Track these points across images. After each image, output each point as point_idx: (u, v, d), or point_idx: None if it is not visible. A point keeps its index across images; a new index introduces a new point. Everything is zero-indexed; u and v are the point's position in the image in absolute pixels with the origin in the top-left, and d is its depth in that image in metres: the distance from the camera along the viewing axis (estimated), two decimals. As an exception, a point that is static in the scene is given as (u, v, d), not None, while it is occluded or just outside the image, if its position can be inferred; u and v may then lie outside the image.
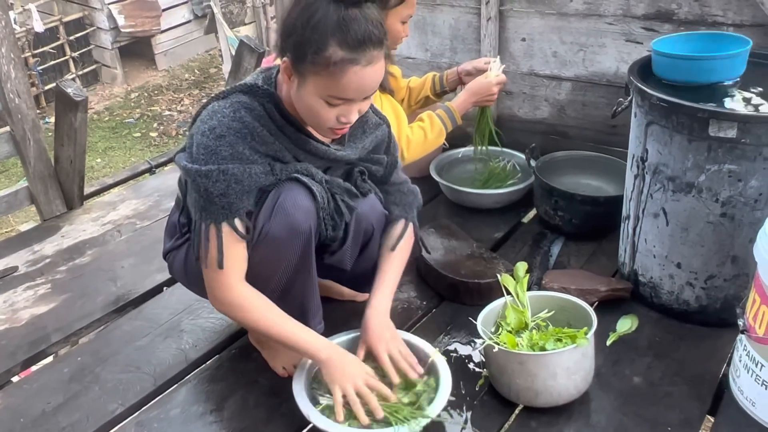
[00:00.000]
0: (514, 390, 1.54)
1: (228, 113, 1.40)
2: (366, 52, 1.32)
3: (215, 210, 1.40)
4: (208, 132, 1.39)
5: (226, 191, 1.38)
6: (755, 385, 1.48)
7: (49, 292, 2.13)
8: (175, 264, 1.67)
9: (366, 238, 1.65)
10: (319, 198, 1.48)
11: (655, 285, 1.84)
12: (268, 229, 1.44)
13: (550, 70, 2.56)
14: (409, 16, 2.06)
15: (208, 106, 1.44)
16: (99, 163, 6.97)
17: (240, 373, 1.72)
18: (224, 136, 1.38)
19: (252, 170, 1.40)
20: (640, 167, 1.78)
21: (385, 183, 1.70)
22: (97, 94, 8.72)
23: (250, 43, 2.90)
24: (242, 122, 1.39)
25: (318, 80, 1.34)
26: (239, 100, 1.42)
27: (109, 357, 1.81)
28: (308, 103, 1.39)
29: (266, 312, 1.47)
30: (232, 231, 1.41)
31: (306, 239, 1.47)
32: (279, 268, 1.49)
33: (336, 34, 1.30)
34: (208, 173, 1.37)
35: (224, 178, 1.37)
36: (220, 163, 1.37)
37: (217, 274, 1.44)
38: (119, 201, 2.71)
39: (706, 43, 1.83)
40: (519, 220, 2.38)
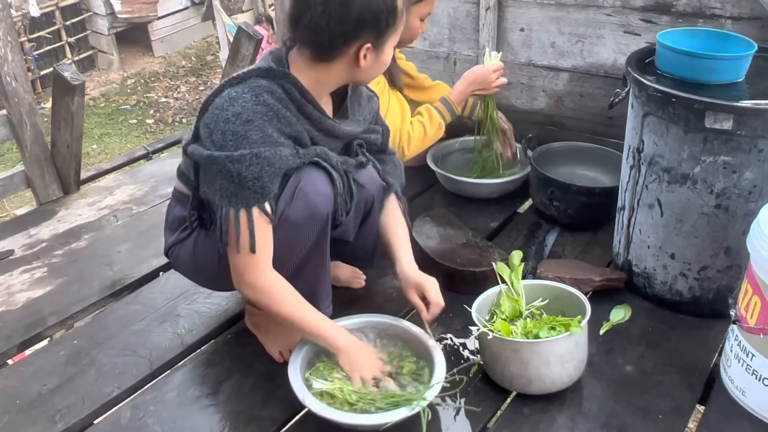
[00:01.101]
0: (507, 377, 1.55)
1: (250, 98, 1.40)
2: None
3: (247, 195, 1.40)
4: (233, 118, 1.38)
5: (259, 174, 1.39)
6: (745, 374, 1.50)
7: (45, 275, 2.13)
8: (181, 257, 1.65)
9: (366, 208, 1.67)
10: (338, 183, 1.50)
11: (649, 275, 1.86)
12: (288, 214, 1.46)
13: (548, 61, 2.56)
14: (427, 13, 2.09)
15: (223, 93, 1.43)
16: (95, 149, 6.95)
17: (236, 357, 1.73)
18: (252, 121, 1.38)
19: (282, 152, 1.41)
20: (636, 158, 1.79)
21: (383, 152, 1.74)
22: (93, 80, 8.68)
23: (248, 30, 2.89)
24: (266, 105, 1.40)
25: (396, 33, 1.48)
26: (258, 84, 1.42)
27: (105, 340, 1.82)
28: (385, 60, 1.51)
29: (291, 300, 1.49)
30: (262, 214, 1.42)
31: (323, 224, 1.50)
32: (294, 251, 1.51)
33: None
34: (241, 158, 1.37)
35: (257, 161, 1.38)
36: (252, 147, 1.37)
37: (249, 258, 1.44)
38: (116, 186, 2.71)
39: (711, 40, 1.82)
40: (515, 210, 2.39)
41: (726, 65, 1.70)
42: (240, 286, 1.50)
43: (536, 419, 1.52)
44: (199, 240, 1.58)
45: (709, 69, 1.69)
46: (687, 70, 1.72)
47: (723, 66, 1.70)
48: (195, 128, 1.48)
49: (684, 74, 1.72)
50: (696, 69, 1.70)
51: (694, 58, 1.70)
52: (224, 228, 1.44)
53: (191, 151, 1.46)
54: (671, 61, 1.75)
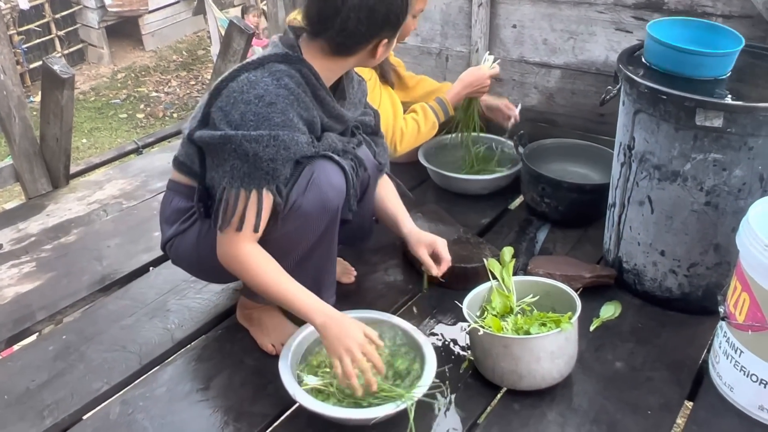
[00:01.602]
0: (498, 373, 1.56)
1: (271, 81, 1.41)
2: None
3: (260, 175, 1.40)
4: (255, 100, 1.39)
5: (275, 156, 1.39)
6: (734, 370, 1.51)
7: (33, 270, 2.12)
8: (182, 249, 1.63)
9: (363, 187, 1.67)
10: (350, 177, 1.52)
11: (639, 272, 1.87)
12: (300, 204, 1.46)
13: (540, 58, 2.56)
14: (420, 10, 2.09)
15: (240, 78, 1.42)
16: (84, 143, 6.91)
17: (226, 353, 1.72)
18: (275, 104, 1.39)
19: (299, 138, 1.43)
20: (627, 155, 1.80)
21: (376, 134, 1.76)
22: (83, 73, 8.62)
23: (239, 24, 2.87)
24: (287, 89, 1.42)
25: (405, 24, 1.53)
26: (278, 68, 1.43)
27: (95, 336, 1.80)
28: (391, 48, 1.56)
29: (270, 270, 1.46)
30: (269, 196, 1.42)
31: (333, 216, 1.52)
32: (302, 241, 1.52)
33: None
34: (259, 138, 1.37)
35: (275, 143, 1.38)
36: (272, 128, 1.38)
37: (236, 233, 1.43)
38: (105, 181, 2.69)
39: (701, 32, 1.83)
40: (506, 207, 2.39)
41: (712, 61, 1.72)
42: (220, 256, 1.48)
43: (526, 415, 1.52)
44: (203, 230, 1.56)
45: (695, 64, 1.71)
46: (674, 64, 1.73)
47: (710, 62, 1.71)
48: (203, 114, 1.48)
49: (671, 68, 1.73)
50: (683, 63, 1.71)
51: (681, 53, 1.71)
52: (227, 208, 1.42)
53: (199, 136, 1.45)
54: (659, 54, 1.76)
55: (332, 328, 1.42)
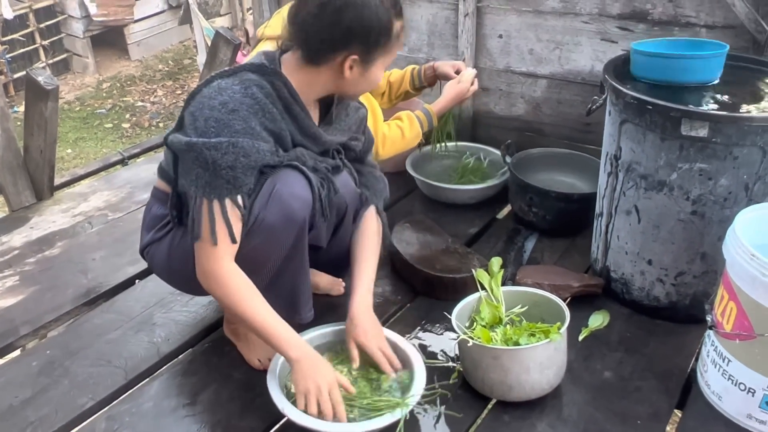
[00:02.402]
0: (487, 384, 1.55)
1: (239, 89, 1.40)
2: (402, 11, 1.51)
3: (220, 184, 1.38)
4: (219, 107, 1.38)
5: (234, 164, 1.37)
6: (722, 379, 1.52)
7: (17, 284, 2.09)
8: (157, 256, 1.62)
9: (339, 215, 1.65)
10: (316, 188, 1.49)
11: (627, 281, 1.87)
12: (263, 217, 1.43)
13: (527, 68, 2.57)
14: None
15: (212, 84, 1.42)
16: (69, 153, 6.84)
17: (213, 367, 1.71)
18: (237, 111, 1.38)
19: (260, 146, 1.40)
20: (614, 165, 1.81)
21: (361, 162, 1.72)
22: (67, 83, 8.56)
23: (226, 35, 2.87)
24: (254, 98, 1.40)
25: (387, 55, 1.49)
26: (249, 77, 1.42)
27: (80, 350, 1.78)
28: (373, 78, 1.51)
29: (249, 295, 1.44)
30: (234, 207, 1.40)
31: (300, 228, 1.48)
32: (271, 255, 1.49)
33: (394, 11, 1.46)
34: (218, 145, 1.36)
35: (233, 150, 1.36)
36: (232, 135, 1.37)
37: (211, 248, 1.41)
38: (90, 192, 2.66)
39: (686, 48, 1.86)
40: (494, 216, 2.40)
41: (698, 65, 1.74)
42: (198, 275, 1.46)
43: (516, 426, 1.52)
44: (176, 239, 1.55)
45: (681, 69, 1.73)
46: (661, 72, 1.75)
47: (695, 66, 1.74)
48: (179, 118, 1.47)
49: (658, 77, 1.76)
50: (669, 70, 1.74)
51: (666, 60, 1.74)
52: (197, 219, 1.41)
53: (171, 140, 1.45)
54: (645, 65, 1.78)
55: (305, 363, 1.42)
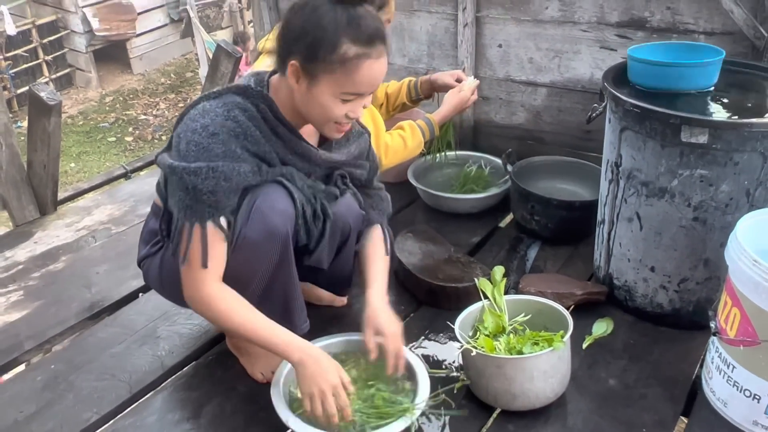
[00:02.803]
0: (491, 393, 1.55)
1: (221, 112, 1.40)
2: (376, 46, 1.38)
3: (201, 208, 1.39)
4: (200, 130, 1.38)
5: (214, 189, 1.38)
6: (727, 386, 1.51)
7: (21, 299, 2.09)
8: (150, 271, 1.65)
9: (343, 237, 1.66)
10: (298, 203, 1.48)
11: (630, 288, 1.87)
12: (245, 233, 1.43)
13: (526, 76, 2.58)
14: (387, 21, 2.09)
15: (198, 106, 1.43)
16: (73, 167, 6.88)
17: (217, 379, 1.71)
18: (217, 134, 1.38)
19: (241, 168, 1.40)
20: (615, 172, 1.81)
21: (368, 187, 1.72)
22: (71, 98, 8.61)
23: (227, 48, 2.89)
24: (236, 121, 1.40)
25: (332, 78, 1.38)
26: (232, 100, 1.43)
27: (84, 364, 1.78)
28: (320, 101, 1.41)
29: (240, 310, 1.44)
30: (216, 229, 1.41)
31: (283, 242, 1.47)
32: (258, 270, 1.48)
33: (348, 32, 1.35)
34: (197, 170, 1.37)
35: (214, 175, 1.37)
36: (212, 160, 1.37)
37: (196, 272, 1.42)
38: (94, 206, 2.68)
39: (682, 52, 1.87)
40: (496, 225, 2.40)
41: (694, 72, 1.75)
42: (186, 300, 1.47)
43: (521, 436, 1.51)
44: (167, 255, 1.56)
45: (678, 77, 1.74)
46: (658, 79, 1.76)
47: (691, 73, 1.74)
48: (169, 138, 1.48)
49: (655, 84, 1.77)
50: (666, 78, 1.75)
51: (663, 68, 1.75)
52: (178, 241, 1.43)
53: (159, 160, 1.46)
54: (642, 72, 1.79)
55: (309, 365, 1.41)
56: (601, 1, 2.31)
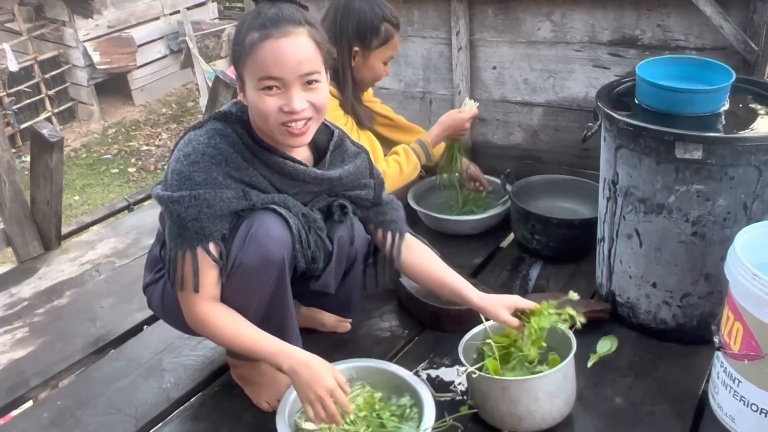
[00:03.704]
0: (498, 416, 1.55)
1: (203, 140, 1.43)
2: (278, 26, 1.36)
3: (189, 236, 1.42)
4: (182, 159, 1.42)
5: (198, 216, 1.40)
6: (734, 401, 1.50)
7: (27, 335, 2.10)
8: (154, 297, 1.67)
9: (349, 262, 1.67)
10: (294, 230, 1.49)
11: (633, 305, 1.87)
12: (241, 260, 1.44)
13: (522, 97, 2.61)
14: (390, 57, 2.14)
15: (185, 136, 1.47)
16: (77, 200, 6.91)
17: (223, 410, 1.71)
18: (198, 162, 1.41)
19: (224, 195, 1.42)
20: (612, 190, 1.82)
21: (378, 204, 1.72)
22: (73, 131, 8.69)
23: (225, 79, 2.92)
24: (216, 148, 1.42)
25: (248, 72, 1.39)
26: (214, 127, 1.45)
27: (90, 399, 1.79)
28: (252, 102, 1.41)
29: (232, 324, 1.46)
30: (205, 255, 1.43)
31: (279, 269, 1.47)
32: (254, 298, 1.49)
33: (252, 23, 1.38)
34: (180, 199, 1.40)
35: (196, 203, 1.40)
36: (193, 188, 1.40)
37: (189, 296, 1.46)
38: (97, 240, 2.69)
39: (692, 68, 1.83)
40: (497, 245, 2.40)
41: (704, 98, 1.71)
42: (186, 321, 1.51)
43: (529, 458, 1.50)
44: (168, 282, 1.57)
45: (687, 102, 1.71)
46: (666, 103, 1.72)
47: (701, 98, 1.71)
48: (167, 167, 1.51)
49: (663, 107, 1.73)
50: (674, 102, 1.71)
51: (671, 92, 1.71)
52: (172, 269, 1.46)
53: (153, 192, 1.49)
54: (650, 94, 1.76)
55: (301, 373, 1.41)
56: (592, 21, 2.34)
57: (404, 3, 2.69)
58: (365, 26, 2.05)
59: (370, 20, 2.05)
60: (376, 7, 2.06)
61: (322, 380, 1.40)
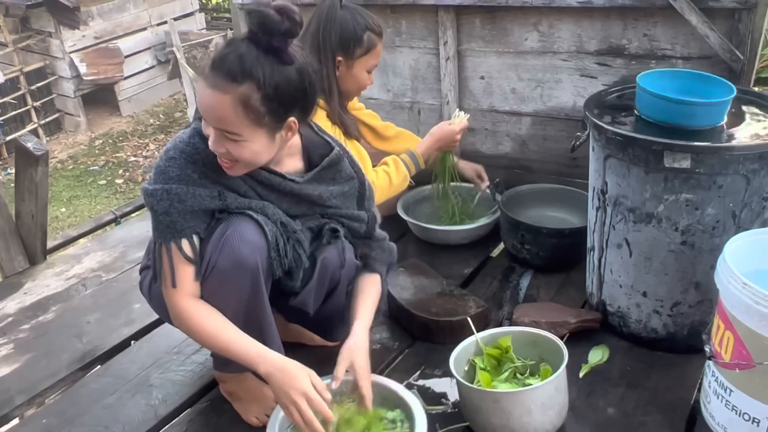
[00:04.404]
0: (490, 429, 1.53)
1: (184, 138, 1.46)
2: (212, 74, 1.34)
3: (163, 229, 1.45)
4: (164, 155, 1.45)
5: (168, 210, 1.42)
6: (725, 410, 1.50)
7: (12, 352, 2.07)
8: (144, 282, 1.69)
9: (332, 284, 1.65)
10: (270, 236, 1.48)
11: (624, 314, 1.87)
12: (215, 262, 1.45)
13: (510, 107, 2.61)
14: (374, 65, 2.13)
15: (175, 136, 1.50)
16: (64, 212, 6.85)
17: (212, 426, 1.68)
18: (175, 158, 1.43)
19: (196, 192, 1.43)
20: (601, 199, 1.82)
21: (369, 238, 1.72)
22: (60, 142, 8.63)
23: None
24: (195, 148, 1.44)
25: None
26: (196, 126, 1.47)
27: (76, 417, 1.76)
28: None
29: (212, 323, 1.46)
30: (177, 251, 1.45)
31: (253, 275, 1.46)
32: (230, 302, 1.48)
33: (212, 53, 1.43)
34: (154, 192, 1.42)
35: (167, 197, 1.42)
36: (166, 182, 1.42)
37: (168, 290, 1.48)
38: (84, 254, 2.66)
39: (691, 82, 1.81)
40: (488, 255, 2.40)
41: (706, 111, 1.68)
42: (171, 318, 1.53)
43: (522, 471, 1.49)
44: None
45: (689, 114, 1.68)
46: (667, 114, 1.70)
47: (703, 111, 1.68)
48: None
49: (664, 119, 1.70)
50: (676, 114, 1.69)
51: (674, 104, 1.68)
52: (154, 261, 1.49)
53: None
54: (650, 105, 1.73)
55: (276, 376, 1.40)
56: (579, 31, 2.35)
57: (392, 13, 2.69)
58: (348, 36, 2.04)
59: (352, 29, 2.04)
60: (358, 16, 2.06)
61: (297, 383, 1.39)
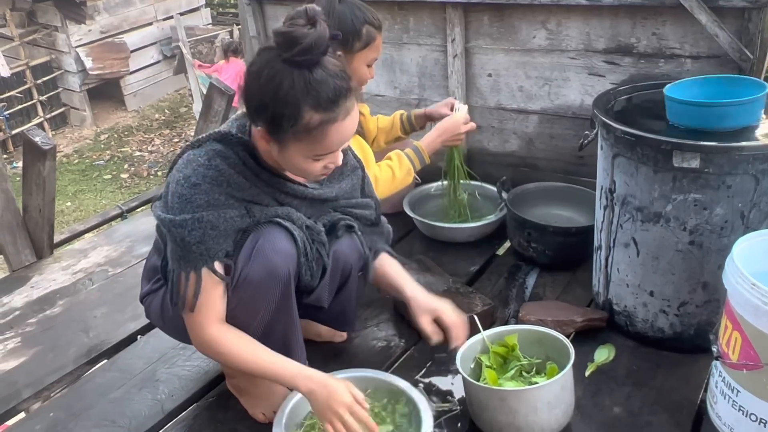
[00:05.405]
0: (496, 427, 1.53)
1: (203, 161, 1.41)
2: (341, 106, 1.34)
3: (193, 258, 1.41)
4: (183, 181, 1.40)
5: (202, 238, 1.39)
6: (732, 410, 1.50)
7: (19, 346, 2.08)
8: (152, 308, 1.65)
9: (344, 277, 1.66)
10: (300, 243, 1.49)
11: (630, 313, 1.86)
12: (246, 273, 1.44)
13: (517, 104, 2.61)
14: (374, 59, 2.11)
15: (184, 155, 1.45)
16: (69, 206, 6.87)
17: (218, 422, 1.69)
18: (199, 185, 1.39)
19: (227, 214, 1.41)
20: (609, 198, 1.82)
21: (377, 225, 1.74)
22: (65, 137, 8.65)
23: (219, 86, 2.91)
24: (217, 170, 1.41)
25: (301, 145, 1.37)
26: (213, 148, 1.43)
27: (83, 411, 1.76)
28: (293, 162, 1.42)
29: (243, 347, 1.46)
30: (211, 274, 1.42)
31: (285, 283, 1.47)
32: (259, 311, 1.48)
33: (308, 101, 1.31)
34: (183, 223, 1.38)
35: (200, 225, 1.39)
36: (195, 211, 1.38)
37: (195, 317, 1.45)
38: (90, 248, 2.67)
39: (721, 86, 1.79)
40: (494, 253, 2.39)
41: (736, 110, 1.66)
42: (193, 343, 1.51)
43: (527, 469, 1.49)
44: (167, 293, 1.56)
45: (720, 116, 1.66)
46: (698, 119, 1.69)
47: (733, 112, 1.66)
48: (165, 184, 1.50)
49: (697, 124, 1.68)
50: (707, 118, 1.67)
51: (703, 108, 1.67)
52: (175, 291, 1.45)
53: (153, 209, 1.48)
54: (681, 113, 1.72)
55: (319, 393, 1.42)
56: (587, 29, 2.34)
57: (399, 10, 2.68)
58: (346, 30, 2.03)
59: (351, 23, 2.03)
60: (357, 10, 2.05)
61: (340, 397, 1.40)
